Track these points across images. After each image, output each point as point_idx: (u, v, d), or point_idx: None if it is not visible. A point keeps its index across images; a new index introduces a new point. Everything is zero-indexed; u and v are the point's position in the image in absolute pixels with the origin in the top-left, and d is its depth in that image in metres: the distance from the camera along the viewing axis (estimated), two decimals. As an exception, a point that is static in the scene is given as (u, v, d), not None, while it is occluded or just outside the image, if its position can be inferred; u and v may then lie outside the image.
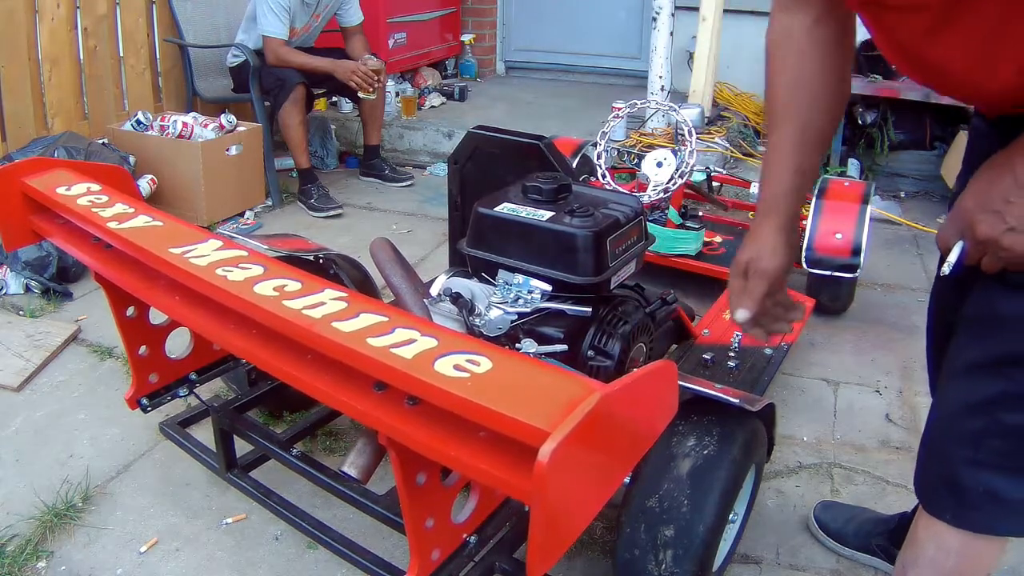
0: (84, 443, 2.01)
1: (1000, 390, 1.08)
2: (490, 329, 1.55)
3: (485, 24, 5.52)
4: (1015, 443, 1.10)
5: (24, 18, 3.13)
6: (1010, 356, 1.06)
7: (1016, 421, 1.08)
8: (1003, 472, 1.12)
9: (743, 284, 1.17)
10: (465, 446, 0.95)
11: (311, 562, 1.65)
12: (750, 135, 4.09)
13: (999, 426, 1.09)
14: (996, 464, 1.11)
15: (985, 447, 1.11)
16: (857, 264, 2.45)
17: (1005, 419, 1.08)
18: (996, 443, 1.10)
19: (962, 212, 0.98)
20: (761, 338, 1.23)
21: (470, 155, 2.13)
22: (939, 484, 1.21)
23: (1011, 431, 1.09)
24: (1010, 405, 1.08)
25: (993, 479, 1.12)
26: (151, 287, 1.38)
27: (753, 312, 1.16)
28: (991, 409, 1.09)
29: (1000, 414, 1.09)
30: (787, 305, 1.20)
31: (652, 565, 1.33)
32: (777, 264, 1.16)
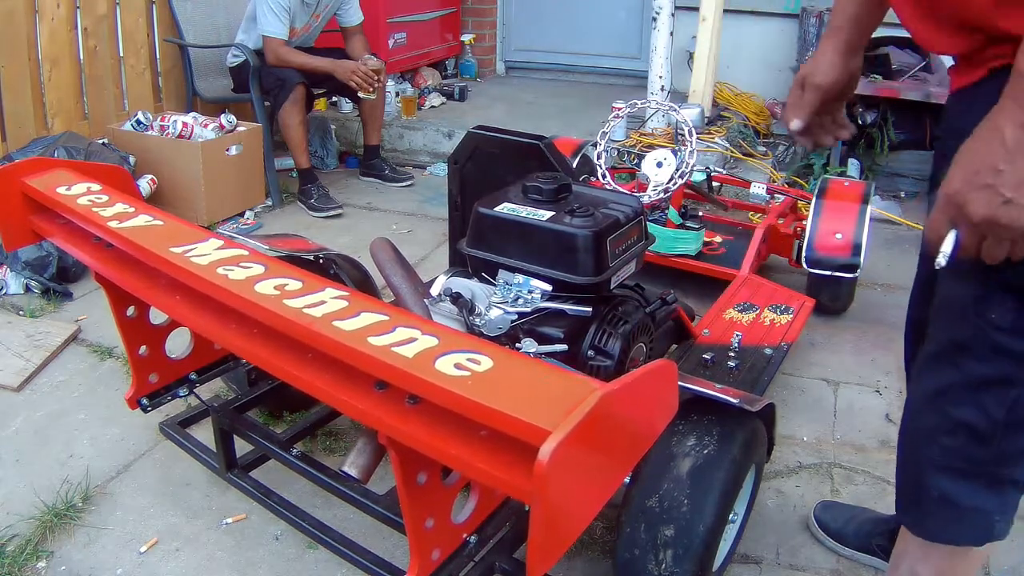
0: (84, 443, 2.01)
1: (948, 380, 1.06)
2: (490, 329, 1.55)
3: (485, 24, 5.52)
4: (963, 440, 1.06)
5: (24, 18, 3.13)
6: (956, 342, 1.05)
7: (962, 416, 1.05)
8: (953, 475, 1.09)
9: (800, 95, 1.22)
10: (465, 445, 0.95)
11: (311, 562, 1.65)
12: (750, 135, 4.09)
13: (948, 421, 1.07)
14: (946, 465, 1.09)
15: (937, 446, 1.09)
16: (857, 264, 2.45)
17: (952, 413, 1.06)
18: (947, 441, 1.08)
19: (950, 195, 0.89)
20: (808, 146, 1.27)
21: (470, 155, 2.13)
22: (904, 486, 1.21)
23: (958, 426, 1.06)
24: (956, 396, 1.06)
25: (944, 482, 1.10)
26: (151, 287, 1.38)
27: (804, 122, 1.22)
28: (941, 403, 1.08)
29: (948, 408, 1.07)
30: (840, 123, 1.24)
31: (652, 565, 1.33)
32: (832, 79, 1.19)
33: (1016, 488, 1.10)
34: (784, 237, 2.80)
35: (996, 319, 0.99)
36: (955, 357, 1.05)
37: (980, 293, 1.00)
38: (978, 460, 1.07)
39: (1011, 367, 1.01)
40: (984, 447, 1.06)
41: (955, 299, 1.04)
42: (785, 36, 4.62)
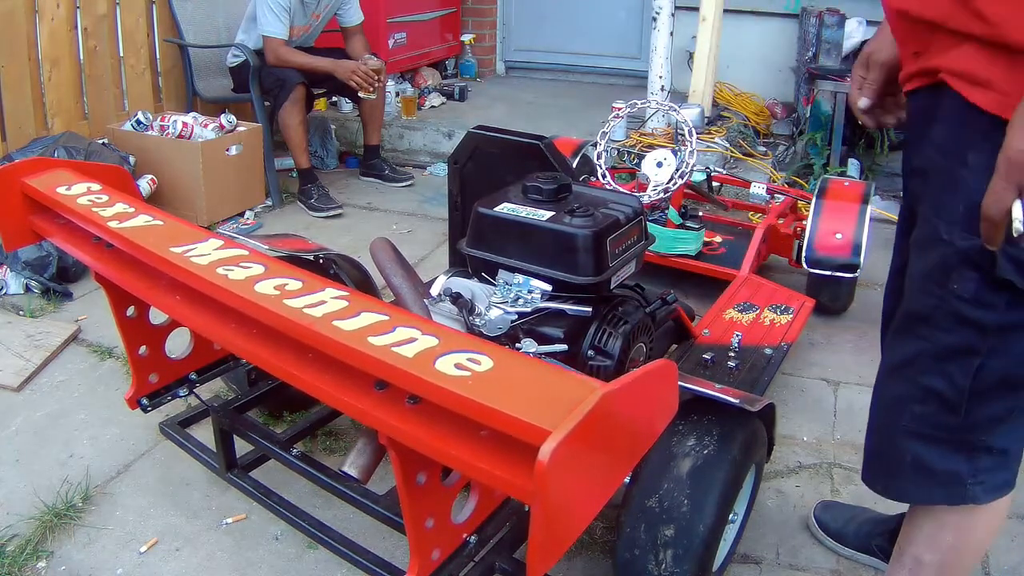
0: (84, 443, 2.01)
1: (916, 350, 1.10)
2: (490, 329, 1.55)
3: (485, 24, 5.52)
4: (933, 408, 1.10)
5: (24, 18, 3.13)
6: (920, 314, 1.09)
7: (931, 384, 1.09)
8: (926, 441, 1.13)
9: (865, 74, 1.22)
10: (465, 445, 0.95)
11: (311, 562, 1.65)
12: (750, 135, 4.09)
13: (917, 390, 1.11)
14: (917, 431, 1.13)
15: (909, 413, 1.13)
16: (857, 264, 2.45)
17: (921, 381, 1.10)
18: (917, 408, 1.12)
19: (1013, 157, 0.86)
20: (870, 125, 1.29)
21: (470, 155, 2.13)
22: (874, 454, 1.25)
23: (928, 394, 1.10)
24: (924, 365, 1.10)
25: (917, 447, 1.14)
26: (151, 287, 1.38)
27: (872, 100, 1.23)
28: (910, 372, 1.12)
29: (917, 376, 1.11)
30: (901, 104, 1.24)
31: (652, 565, 1.33)
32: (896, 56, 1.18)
33: (991, 454, 1.13)
34: (784, 237, 2.80)
35: (958, 290, 1.02)
36: (922, 328, 1.09)
37: (943, 267, 1.03)
38: (948, 427, 1.11)
39: (974, 337, 1.04)
40: (953, 414, 1.09)
41: (920, 273, 1.08)
42: (785, 36, 4.62)
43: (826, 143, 3.89)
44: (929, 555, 1.25)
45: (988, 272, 0.99)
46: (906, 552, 1.29)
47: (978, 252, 0.98)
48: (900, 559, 1.31)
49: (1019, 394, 1.09)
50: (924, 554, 1.25)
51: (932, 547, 1.24)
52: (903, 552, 1.30)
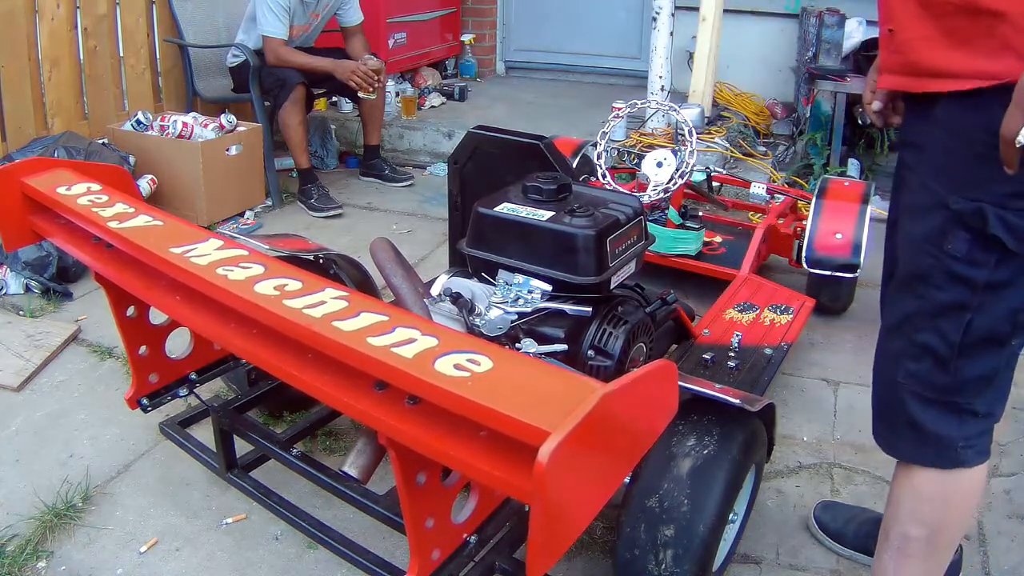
0: (84, 443, 2.01)
1: (913, 307, 1.18)
2: (490, 329, 1.55)
3: (485, 24, 5.52)
4: (927, 366, 1.17)
5: (24, 18, 3.13)
6: (917, 272, 1.16)
7: (925, 340, 1.16)
8: (920, 401, 1.20)
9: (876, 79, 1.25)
10: (465, 446, 0.95)
11: (311, 562, 1.65)
12: (750, 135, 4.09)
13: (913, 345, 1.18)
14: (912, 391, 1.20)
15: (903, 369, 1.20)
16: (857, 264, 2.45)
17: (916, 338, 1.17)
18: (911, 366, 1.19)
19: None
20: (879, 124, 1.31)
21: (470, 155, 2.13)
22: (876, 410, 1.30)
23: (922, 351, 1.17)
24: (920, 323, 1.17)
25: (912, 407, 1.21)
26: (151, 287, 1.38)
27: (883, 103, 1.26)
28: (906, 329, 1.19)
29: (912, 333, 1.18)
30: None
31: (652, 565, 1.33)
32: None
33: (976, 418, 1.20)
34: (784, 237, 2.80)
35: (952, 250, 1.11)
36: (917, 286, 1.17)
37: (938, 228, 1.12)
38: (939, 386, 1.18)
39: (966, 293, 1.12)
40: (944, 372, 1.17)
41: (915, 235, 1.16)
42: (785, 36, 4.62)
43: (826, 143, 3.89)
44: (916, 529, 1.28)
45: (980, 232, 1.08)
46: (892, 531, 1.31)
47: (971, 214, 1.07)
48: (886, 540, 1.33)
49: (1003, 352, 1.16)
50: (911, 529, 1.29)
51: (917, 520, 1.28)
52: (888, 532, 1.32)
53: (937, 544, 1.29)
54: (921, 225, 1.15)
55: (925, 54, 1.08)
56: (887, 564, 1.34)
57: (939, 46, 1.06)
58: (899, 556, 1.31)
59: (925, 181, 1.14)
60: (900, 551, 1.31)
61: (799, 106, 4.26)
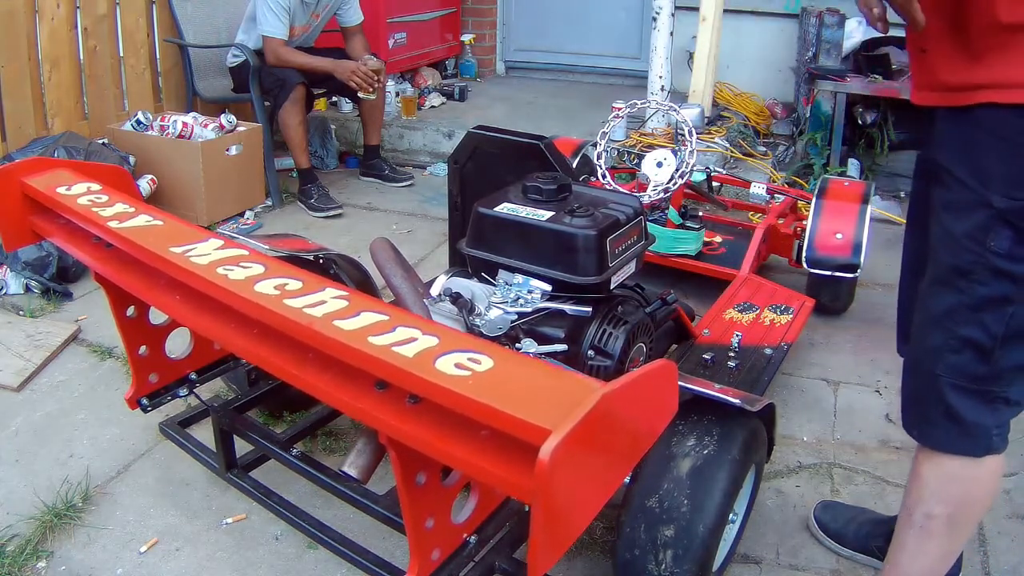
0: (84, 443, 2.01)
1: (954, 302, 1.20)
2: (490, 329, 1.55)
3: (485, 24, 5.52)
4: (968, 358, 1.20)
5: (24, 18, 3.13)
6: (959, 268, 1.19)
7: (968, 334, 1.20)
8: (959, 392, 1.22)
9: None
10: (466, 445, 0.95)
11: (311, 562, 1.65)
12: (750, 135, 4.09)
13: (954, 338, 1.21)
14: (952, 382, 1.22)
15: (943, 362, 1.23)
16: (857, 264, 2.45)
17: (959, 331, 1.20)
18: (952, 358, 1.22)
19: None
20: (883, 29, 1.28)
21: (470, 155, 2.13)
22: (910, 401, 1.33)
23: (964, 344, 1.20)
24: (962, 317, 1.20)
25: (951, 396, 1.23)
26: (151, 287, 1.38)
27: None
28: (947, 322, 1.22)
29: (954, 327, 1.21)
30: None
31: (652, 565, 1.33)
32: None
33: (1008, 405, 1.23)
34: (784, 237, 2.80)
35: (995, 246, 1.15)
36: (958, 282, 1.19)
37: (980, 225, 1.15)
38: (979, 377, 1.21)
39: (1009, 287, 1.16)
40: (985, 363, 1.20)
41: (955, 232, 1.19)
42: (785, 36, 4.62)
43: (826, 143, 3.89)
44: (939, 508, 1.30)
45: (1021, 229, 1.13)
46: (915, 511, 1.33)
47: (1014, 212, 1.12)
48: (909, 519, 1.35)
49: None
50: (934, 508, 1.31)
51: (942, 500, 1.30)
52: (911, 512, 1.34)
53: (959, 523, 1.31)
54: (961, 222, 1.18)
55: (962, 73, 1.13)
56: (908, 543, 1.36)
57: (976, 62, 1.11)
58: (922, 535, 1.33)
59: (964, 180, 1.17)
60: (923, 530, 1.33)
61: (799, 106, 4.26)
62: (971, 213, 1.17)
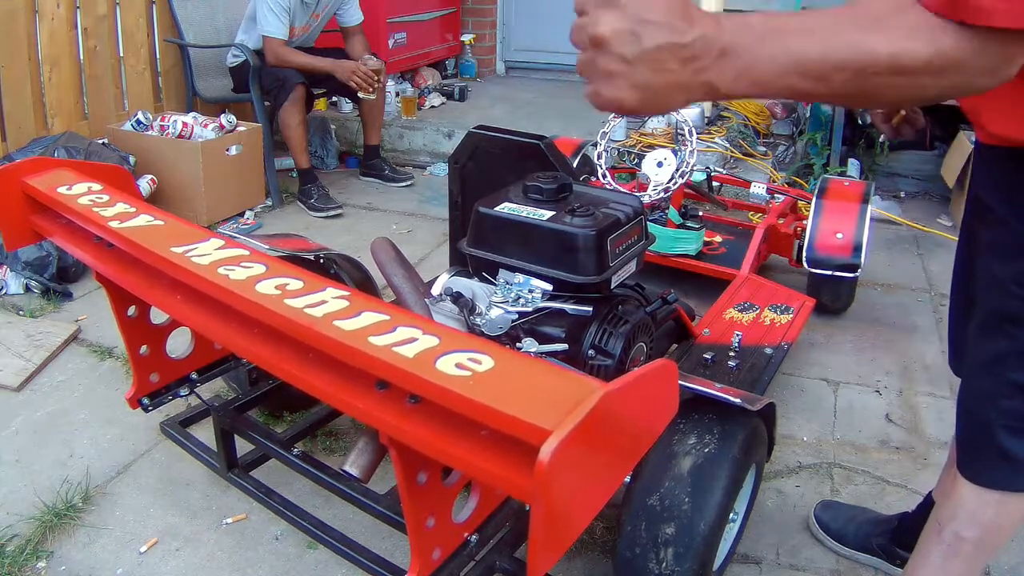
0: (84, 443, 2.01)
1: (1006, 348, 1.17)
2: (491, 328, 1.55)
3: (485, 24, 5.52)
4: (1020, 402, 1.17)
5: (24, 18, 3.13)
6: (1009, 315, 1.16)
7: (1019, 379, 1.16)
8: (1012, 432, 1.20)
9: None
10: (466, 445, 0.95)
11: (311, 562, 1.65)
12: (750, 135, 4.09)
13: (1008, 384, 1.18)
14: (1006, 424, 1.20)
15: (996, 406, 1.20)
16: (858, 264, 2.45)
17: (1012, 376, 1.17)
18: (1006, 403, 1.19)
19: None
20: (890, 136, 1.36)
21: (470, 155, 2.13)
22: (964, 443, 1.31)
23: (1016, 389, 1.17)
24: (1013, 363, 1.17)
25: (1004, 439, 1.20)
26: (152, 286, 1.38)
27: None
28: (999, 368, 1.19)
29: (1007, 372, 1.18)
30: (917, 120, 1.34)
31: (653, 564, 1.33)
32: None
33: None
34: (784, 237, 2.80)
35: None
36: (1007, 328, 1.17)
37: None
38: None
39: None
40: None
41: (1002, 276, 1.17)
42: (785, 36, 4.61)
43: (826, 143, 3.89)
44: (970, 531, 1.29)
45: None
46: (946, 528, 1.32)
47: None
48: (939, 535, 1.34)
49: None
50: (965, 530, 1.30)
51: (974, 524, 1.29)
52: (943, 528, 1.33)
53: (985, 548, 1.31)
54: (1008, 267, 1.15)
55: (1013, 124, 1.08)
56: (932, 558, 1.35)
57: None
58: (948, 553, 1.33)
59: (1010, 222, 1.14)
60: (951, 548, 1.32)
61: (799, 106, 4.26)
62: (1016, 257, 1.13)
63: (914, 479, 1.92)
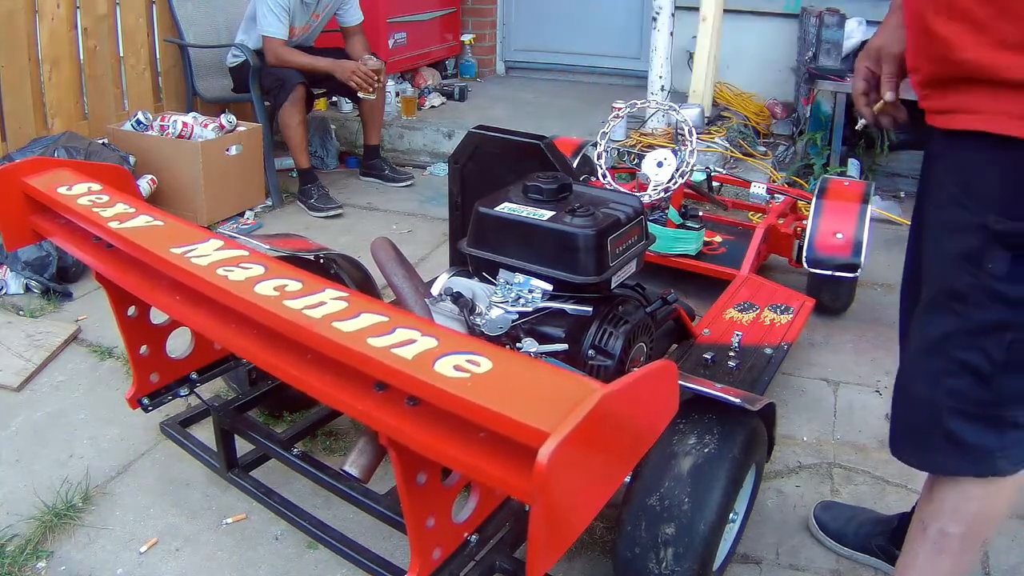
0: (84, 443, 2.01)
1: (952, 326, 1.17)
2: (491, 329, 1.55)
3: (485, 24, 5.52)
4: (967, 382, 1.16)
5: (24, 18, 3.13)
6: (956, 292, 1.15)
7: (965, 358, 1.16)
8: (959, 416, 1.19)
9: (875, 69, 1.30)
10: (465, 446, 0.95)
11: (311, 562, 1.65)
12: (750, 135, 4.09)
13: (953, 364, 1.17)
14: (952, 406, 1.19)
15: (943, 386, 1.19)
16: (858, 264, 2.45)
17: (957, 355, 1.17)
18: (952, 382, 1.18)
19: None
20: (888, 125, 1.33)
21: (470, 155, 2.13)
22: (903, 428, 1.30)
23: (963, 368, 1.16)
24: (960, 341, 1.16)
25: (951, 421, 1.20)
26: (152, 287, 1.38)
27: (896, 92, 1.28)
28: (945, 347, 1.18)
29: (953, 351, 1.17)
30: None
31: (653, 564, 1.33)
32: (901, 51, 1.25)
33: (1017, 428, 1.19)
34: (784, 237, 2.80)
35: (993, 269, 1.10)
36: (954, 305, 1.16)
37: (977, 247, 1.11)
38: (981, 401, 1.17)
39: (1007, 312, 1.12)
40: (986, 388, 1.16)
41: (949, 253, 1.15)
42: (785, 36, 4.62)
43: (826, 143, 3.89)
44: (954, 527, 1.29)
45: (1019, 252, 1.08)
46: (930, 526, 1.32)
47: (1012, 235, 1.08)
48: (924, 533, 1.33)
49: None
50: (949, 526, 1.29)
51: (957, 519, 1.28)
52: (927, 526, 1.32)
53: (971, 542, 1.30)
54: (956, 243, 1.14)
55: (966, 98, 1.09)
56: (920, 557, 1.34)
57: None
58: (935, 551, 1.32)
59: (960, 200, 1.13)
60: (936, 546, 1.32)
61: (799, 106, 4.26)
62: (965, 234, 1.12)
63: (914, 479, 1.92)
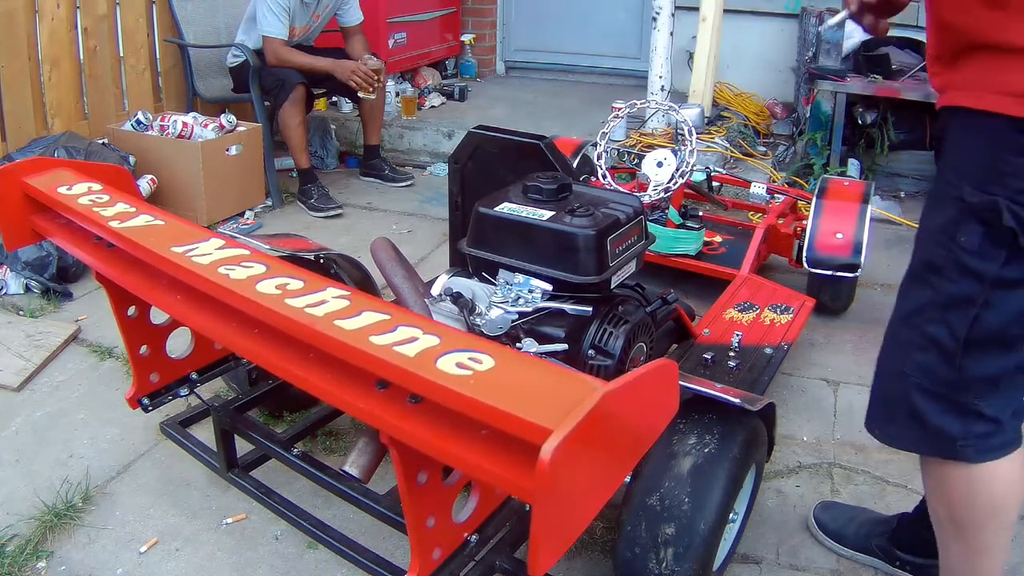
0: (84, 443, 2.01)
1: (926, 299, 1.18)
2: (491, 329, 1.55)
3: (485, 24, 5.52)
4: (933, 357, 1.17)
5: (24, 18, 3.13)
6: (934, 264, 1.16)
7: (933, 332, 1.17)
8: (924, 393, 1.20)
9: None
10: (467, 444, 0.95)
11: (311, 562, 1.65)
12: (750, 135, 4.09)
13: (922, 337, 1.18)
14: (917, 382, 1.20)
15: (911, 361, 1.20)
16: (858, 264, 2.45)
17: (926, 329, 1.17)
18: (919, 357, 1.19)
19: None
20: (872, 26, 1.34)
21: (470, 155, 2.13)
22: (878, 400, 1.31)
23: (929, 342, 1.17)
24: (930, 314, 1.17)
25: (916, 398, 1.21)
26: (152, 286, 1.38)
27: None
28: (917, 320, 1.19)
29: (922, 324, 1.18)
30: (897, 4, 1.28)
31: (653, 563, 1.33)
32: None
33: (983, 420, 1.19)
34: (784, 237, 2.80)
35: (964, 242, 1.11)
36: (930, 277, 1.17)
37: (952, 219, 1.12)
38: (946, 381, 1.18)
39: (974, 287, 1.12)
40: (949, 366, 1.17)
41: (932, 226, 1.17)
42: (785, 36, 4.63)
43: (826, 143, 3.89)
44: (941, 509, 1.30)
45: (992, 226, 1.08)
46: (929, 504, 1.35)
47: (985, 207, 1.08)
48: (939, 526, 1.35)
49: (1010, 355, 1.16)
50: (937, 508, 1.31)
51: (940, 500, 1.30)
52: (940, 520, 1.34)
53: (964, 525, 1.29)
54: (938, 216, 1.15)
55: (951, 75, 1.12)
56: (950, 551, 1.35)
57: None
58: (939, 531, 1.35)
59: (945, 173, 1.15)
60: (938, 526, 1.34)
61: (799, 106, 4.26)
62: (945, 206, 1.13)
63: (914, 479, 1.92)
